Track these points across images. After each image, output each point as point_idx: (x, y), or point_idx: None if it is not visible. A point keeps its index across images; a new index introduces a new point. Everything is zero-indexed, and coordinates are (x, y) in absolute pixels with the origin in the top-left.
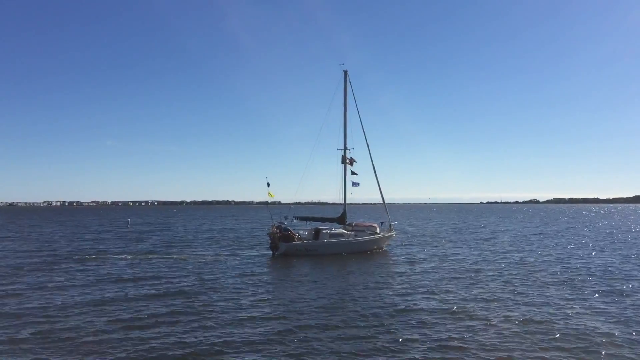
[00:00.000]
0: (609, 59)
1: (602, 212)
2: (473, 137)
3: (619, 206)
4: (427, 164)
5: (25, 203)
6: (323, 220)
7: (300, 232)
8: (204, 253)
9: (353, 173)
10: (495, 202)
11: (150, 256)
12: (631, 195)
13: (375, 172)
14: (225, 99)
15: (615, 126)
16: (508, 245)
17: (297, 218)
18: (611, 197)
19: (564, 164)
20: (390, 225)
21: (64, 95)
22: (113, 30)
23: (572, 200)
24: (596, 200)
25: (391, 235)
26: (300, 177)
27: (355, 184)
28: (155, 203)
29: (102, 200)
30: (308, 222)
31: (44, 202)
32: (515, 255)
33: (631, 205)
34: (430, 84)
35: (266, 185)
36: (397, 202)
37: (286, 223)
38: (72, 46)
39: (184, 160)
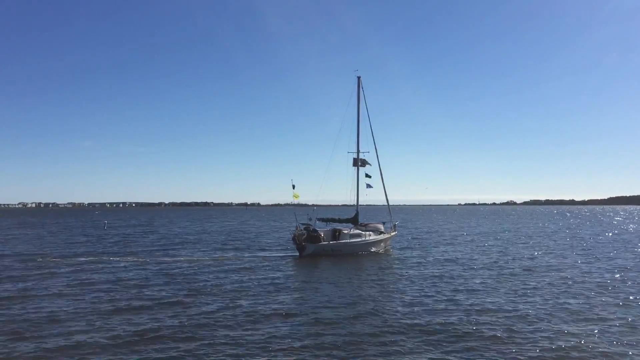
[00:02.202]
0: (586, 65)
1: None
2: (449, 139)
3: (607, 207)
4: (404, 165)
5: (0, 204)
6: (340, 221)
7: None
8: (226, 255)
9: (367, 175)
10: (474, 204)
11: (166, 258)
12: (606, 197)
13: (381, 175)
14: (205, 101)
15: (590, 129)
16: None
17: (319, 219)
18: (586, 198)
19: (540, 166)
20: (394, 225)
21: (40, 96)
22: (91, 31)
23: (548, 202)
24: (572, 202)
25: (394, 235)
26: (322, 179)
27: (369, 186)
28: (134, 205)
29: (79, 201)
30: (328, 223)
31: (19, 203)
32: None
33: (613, 207)
34: (409, 85)
35: (291, 187)
36: (373, 204)
37: (312, 224)
38: (48, 47)
39: (162, 162)
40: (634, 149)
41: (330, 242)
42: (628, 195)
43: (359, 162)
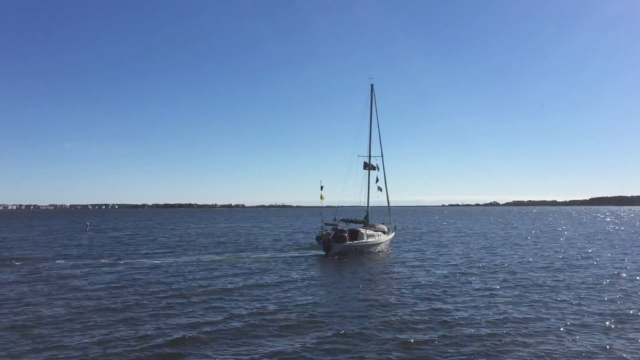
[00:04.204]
0: (570, 68)
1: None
2: (431, 140)
3: (597, 208)
4: (387, 165)
5: None
6: (356, 222)
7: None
8: (255, 255)
9: (378, 179)
10: (457, 205)
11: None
12: (587, 197)
13: (385, 178)
14: (188, 102)
15: (571, 131)
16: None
17: (341, 220)
18: (568, 199)
19: (522, 167)
20: (394, 226)
21: (20, 97)
22: (72, 32)
23: (530, 203)
24: (554, 203)
25: (394, 236)
26: (344, 182)
27: (380, 189)
28: (116, 206)
29: (60, 203)
30: (347, 224)
31: (0, 205)
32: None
33: (597, 208)
34: (398, 86)
35: (320, 188)
36: (356, 205)
37: (339, 224)
38: (28, 47)
39: (145, 163)
40: (614, 150)
41: (354, 242)
42: (609, 195)
43: (369, 166)
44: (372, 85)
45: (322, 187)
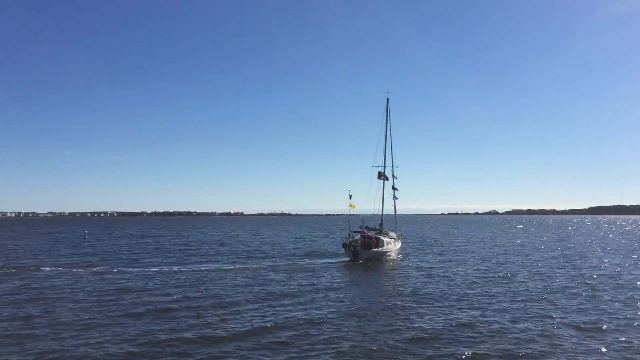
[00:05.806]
0: (569, 76)
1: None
2: (430, 148)
3: (602, 217)
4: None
5: None
6: (374, 229)
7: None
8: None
9: (394, 188)
10: (456, 214)
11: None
12: (586, 207)
13: (393, 188)
14: (186, 111)
15: (571, 140)
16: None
17: (366, 228)
18: (567, 208)
19: (521, 175)
20: (402, 234)
21: (21, 105)
22: (73, 40)
23: (530, 212)
24: (553, 212)
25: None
26: (367, 191)
27: (395, 198)
28: (115, 214)
29: (60, 211)
30: (370, 231)
31: None
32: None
33: (595, 217)
34: (399, 95)
35: (349, 197)
36: (364, 213)
37: (367, 231)
38: (29, 55)
39: (144, 171)
40: (613, 160)
41: (379, 249)
42: (607, 205)
43: (384, 176)
44: (387, 99)
45: (350, 196)
